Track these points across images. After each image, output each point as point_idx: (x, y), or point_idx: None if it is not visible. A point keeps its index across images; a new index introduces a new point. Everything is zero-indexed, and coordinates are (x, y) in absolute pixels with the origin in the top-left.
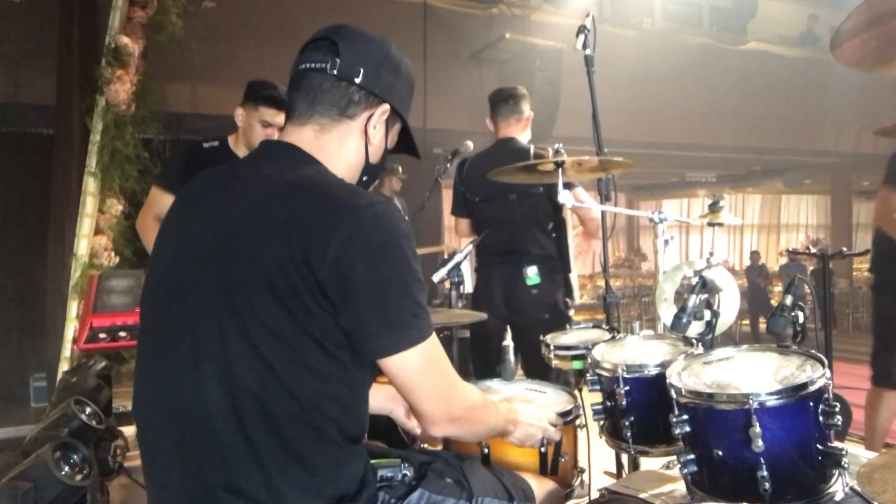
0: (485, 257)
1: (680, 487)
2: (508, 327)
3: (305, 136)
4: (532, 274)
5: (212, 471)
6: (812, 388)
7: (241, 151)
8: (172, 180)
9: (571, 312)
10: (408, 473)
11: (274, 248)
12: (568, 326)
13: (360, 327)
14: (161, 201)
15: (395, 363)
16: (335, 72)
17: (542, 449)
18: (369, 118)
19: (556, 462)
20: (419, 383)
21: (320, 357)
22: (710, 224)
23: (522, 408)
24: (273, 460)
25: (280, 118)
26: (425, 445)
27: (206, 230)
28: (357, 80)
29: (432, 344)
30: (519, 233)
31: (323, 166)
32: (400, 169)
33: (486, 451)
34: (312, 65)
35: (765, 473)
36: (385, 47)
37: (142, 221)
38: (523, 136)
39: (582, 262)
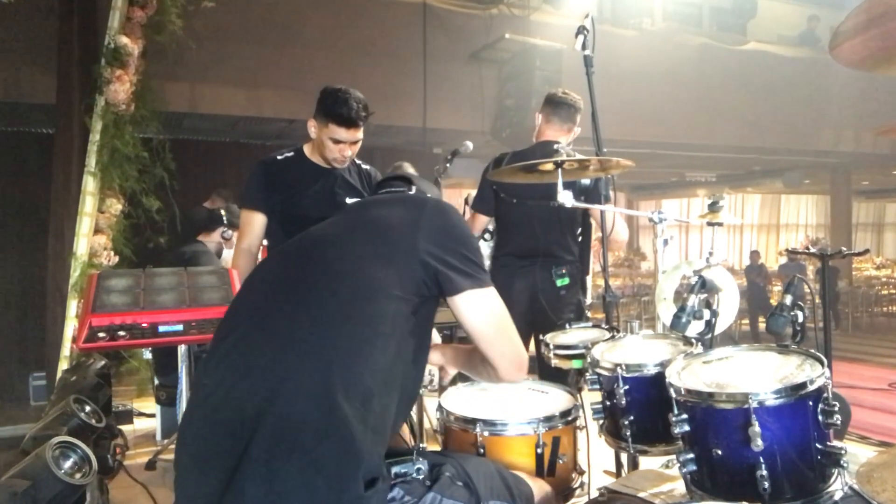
0: (506, 258)
1: (679, 487)
2: None
3: None
4: (563, 275)
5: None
6: (811, 388)
7: (317, 160)
8: (257, 199)
9: (588, 312)
10: (422, 467)
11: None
12: (568, 326)
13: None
14: (252, 221)
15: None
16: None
17: (539, 450)
18: None
19: (554, 464)
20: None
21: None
22: (710, 224)
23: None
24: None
25: (351, 134)
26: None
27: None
28: None
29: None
30: (551, 236)
31: None
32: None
33: (482, 450)
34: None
35: (764, 473)
36: None
37: (235, 250)
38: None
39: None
